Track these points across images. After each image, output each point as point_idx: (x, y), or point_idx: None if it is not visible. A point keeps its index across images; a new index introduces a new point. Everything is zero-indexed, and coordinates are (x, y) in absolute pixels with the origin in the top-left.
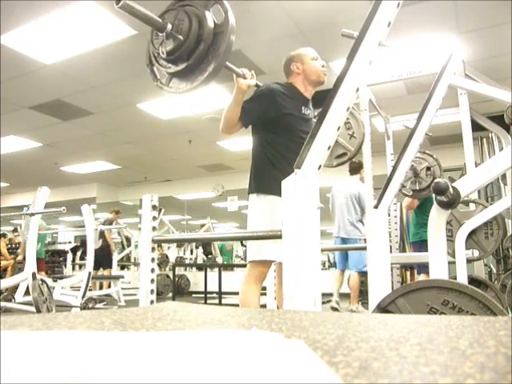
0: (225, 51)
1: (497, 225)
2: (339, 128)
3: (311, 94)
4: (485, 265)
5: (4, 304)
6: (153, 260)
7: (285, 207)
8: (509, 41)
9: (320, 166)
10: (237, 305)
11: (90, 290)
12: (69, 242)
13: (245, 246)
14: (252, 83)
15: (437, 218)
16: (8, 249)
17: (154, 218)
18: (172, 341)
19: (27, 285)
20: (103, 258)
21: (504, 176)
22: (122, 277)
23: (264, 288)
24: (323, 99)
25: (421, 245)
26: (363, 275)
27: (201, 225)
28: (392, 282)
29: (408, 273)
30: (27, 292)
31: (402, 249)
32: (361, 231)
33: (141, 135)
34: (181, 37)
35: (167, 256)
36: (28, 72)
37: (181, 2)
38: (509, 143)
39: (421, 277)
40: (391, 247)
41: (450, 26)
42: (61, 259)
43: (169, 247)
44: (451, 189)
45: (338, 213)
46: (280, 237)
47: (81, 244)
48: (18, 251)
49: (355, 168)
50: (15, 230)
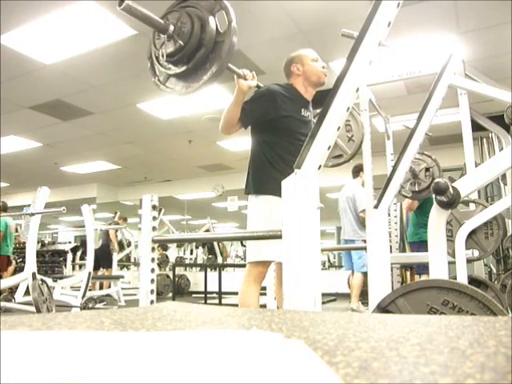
0: (222, 62)
1: (497, 225)
2: (339, 128)
3: (312, 95)
4: (485, 265)
5: (4, 304)
6: (153, 260)
7: (285, 207)
8: (509, 41)
9: (320, 166)
10: (237, 305)
11: (90, 290)
12: (69, 242)
13: (245, 246)
14: (253, 84)
15: (437, 218)
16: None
17: (154, 218)
18: (172, 341)
19: (27, 285)
20: (103, 258)
21: (504, 176)
22: (122, 277)
23: (264, 288)
24: (323, 99)
25: (420, 245)
26: (365, 275)
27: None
28: (392, 282)
29: (408, 273)
30: (27, 292)
31: (402, 249)
32: (358, 232)
33: (141, 135)
34: (181, 42)
35: (167, 256)
36: (28, 72)
37: (184, 3)
38: (509, 143)
39: (422, 278)
40: (391, 247)
41: (450, 26)
42: (61, 259)
43: (169, 247)
44: (451, 189)
45: (341, 216)
46: (280, 237)
47: (81, 244)
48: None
49: (355, 171)
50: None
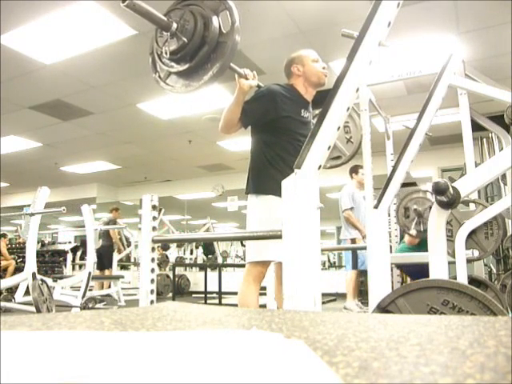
0: (224, 63)
1: (497, 225)
2: (339, 128)
3: (312, 96)
4: (485, 265)
5: (4, 304)
6: (153, 260)
7: (285, 207)
8: (509, 41)
9: (320, 166)
10: (237, 305)
11: (90, 290)
12: (69, 242)
13: (245, 246)
14: (254, 84)
15: (437, 218)
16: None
17: (154, 218)
18: (172, 341)
19: (27, 285)
20: (107, 258)
21: (504, 176)
22: (122, 277)
23: (264, 288)
24: (323, 99)
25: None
26: (362, 274)
27: (203, 224)
28: (392, 282)
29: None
30: (27, 292)
31: None
32: (344, 232)
33: (141, 135)
34: (185, 39)
35: (167, 256)
36: (28, 72)
37: (187, 1)
38: (509, 143)
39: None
40: (391, 247)
41: (450, 26)
42: (61, 259)
43: (169, 247)
44: (451, 189)
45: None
46: (280, 237)
47: (81, 244)
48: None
49: (350, 173)
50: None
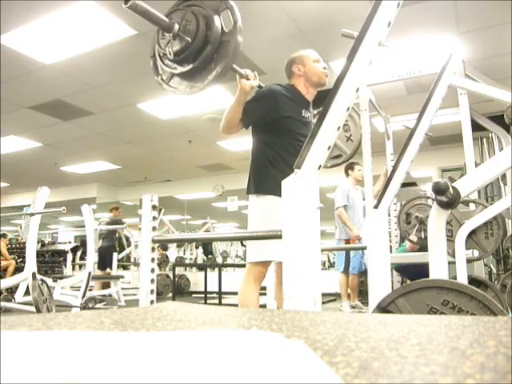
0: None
1: (497, 225)
2: (339, 128)
3: (313, 96)
4: (485, 265)
5: (4, 304)
6: (153, 260)
7: (285, 207)
8: (509, 41)
9: (320, 166)
10: (237, 305)
11: (90, 290)
12: (69, 242)
13: (245, 246)
14: (255, 84)
15: (437, 218)
16: (8, 249)
17: (154, 218)
18: (172, 341)
19: (27, 285)
20: (109, 258)
21: (504, 176)
22: (122, 277)
23: (264, 288)
24: (323, 99)
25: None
26: (361, 275)
27: (202, 223)
28: (392, 282)
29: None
30: (27, 292)
31: None
32: (339, 232)
33: (141, 135)
34: (189, 38)
35: (167, 256)
36: (28, 72)
37: (188, 2)
38: (509, 143)
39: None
40: (391, 247)
41: (450, 26)
42: (61, 259)
43: (169, 247)
44: (451, 189)
45: None
46: (280, 237)
47: (81, 244)
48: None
49: (345, 171)
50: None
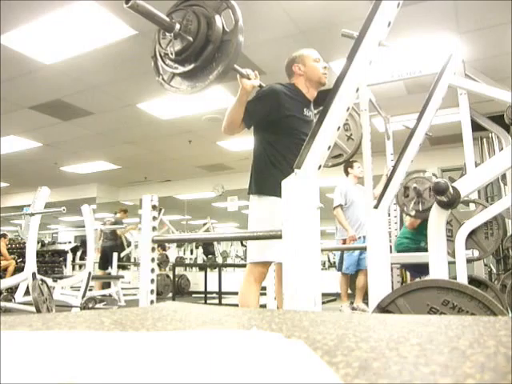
0: (229, 61)
1: (497, 225)
2: (339, 128)
3: (313, 96)
4: (485, 265)
5: (4, 304)
6: (153, 260)
7: (285, 207)
8: (509, 41)
9: (320, 166)
10: (237, 305)
11: (90, 290)
12: (69, 242)
13: (245, 246)
14: (256, 84)
15: (437, 218)
16: (8, 249)
17: (154, 218)
18: (172, 341)
19: (27, 285)
20: (111, 258)
21: (504, 176)
22: (122, 277)
23: (264, 288)
24: (323, 99)
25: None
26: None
27: (203, 224)
28: (392, 282)
29: (408, 273)
30: (27, 292)
31: None
32: (337, 232)
33: (141, 135)
34: (190, 37)
35: (167, 256)
36: (28, 72)
37: (188, 2)
38: (509, 143)
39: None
40: (391, 247)
41: (450, 26)
42: (61, 259)
43: (169, 247)
44: (451, 189)
45: None
46: (280, 237)
47: (81, 244)
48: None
49: (344, 169)
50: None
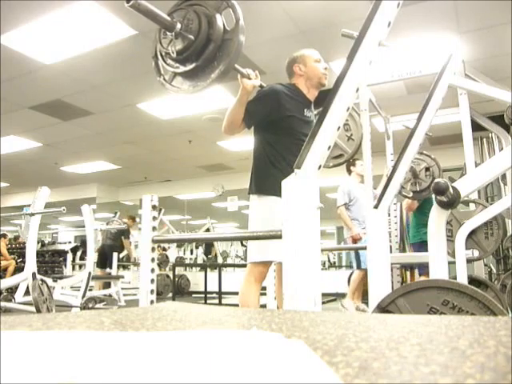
0: (231, 60)
1: (497, 225)
2: (339, 128)
3: (314, 96)
4: (485, 265)
5: (4, 304)
6: (153, 260)
7: (285, 207)
8: (509, 41)
9: (320, 166)
10: (237, 305)
11: (90, 290)
12: (69, 242)
13: (245, 246)
14: (257, 84)
15: (437, 218)
16: (8, 249)
17: (154, 218)
18: (172, 341)
19: (27, 285)
20: (111, 257)
21: (504, 176)
22: (122, 277)
23: (264, 288)
24: (323, 99)
25: (420, 245)
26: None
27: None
28: (392, 282)
29: (408, 273)
30: (27, 292)
31: (402, 249)
32: (346, 230)
33: (141, 135)
34: (191, 36)
35: (167, 256)
36: (28, 72)
37: (189, 2)
38: (509, 143)
39: (421, 278)
40: (391, 247)
41: (450, 26)
42: (61, 259)
43: (169, 247)
44: (451, 189)
45: None
46: (280, 237)
47: (81, 244)
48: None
49: (347, 169)
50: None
